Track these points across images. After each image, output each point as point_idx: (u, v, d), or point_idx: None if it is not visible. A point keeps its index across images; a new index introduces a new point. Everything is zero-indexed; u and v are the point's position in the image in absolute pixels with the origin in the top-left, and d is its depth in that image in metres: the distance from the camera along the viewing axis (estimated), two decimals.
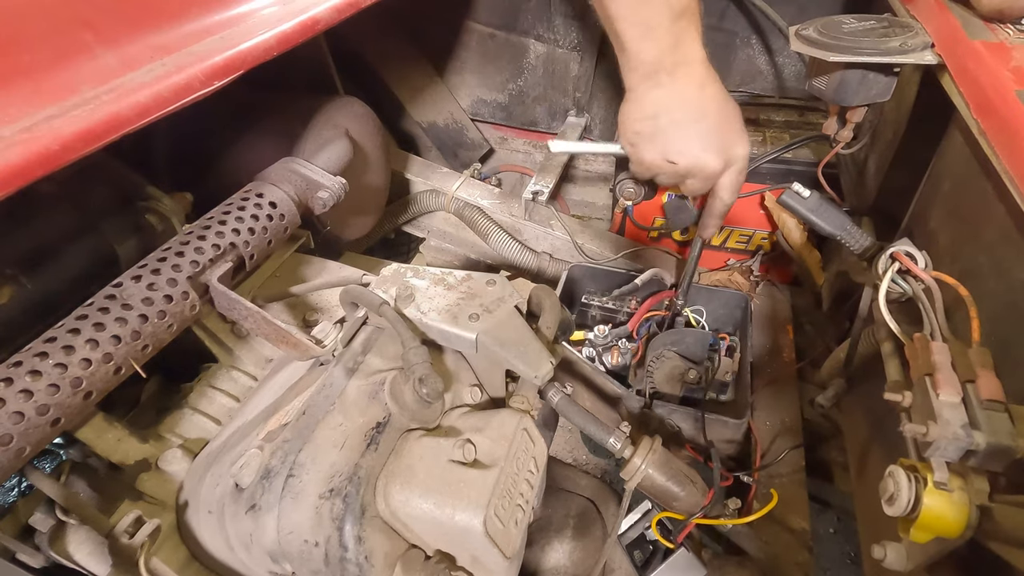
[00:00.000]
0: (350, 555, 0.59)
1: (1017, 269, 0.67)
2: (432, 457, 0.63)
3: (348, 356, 0.73)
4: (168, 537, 0.70)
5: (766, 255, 1.50)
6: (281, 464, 0.62)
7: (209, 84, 0.68)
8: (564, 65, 1.77)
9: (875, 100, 0.95)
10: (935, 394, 0.59)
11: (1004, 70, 0.71)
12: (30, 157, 0.52)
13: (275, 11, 0.82)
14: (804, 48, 0.92)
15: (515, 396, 0.75)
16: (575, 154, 1.21)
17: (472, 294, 0.72)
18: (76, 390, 0.60)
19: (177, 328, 0.72)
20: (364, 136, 1.25)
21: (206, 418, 0.81)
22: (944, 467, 0.57)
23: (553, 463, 1.09)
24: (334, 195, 0.91)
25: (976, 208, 0.77)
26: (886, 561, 0.63)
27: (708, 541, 0.97)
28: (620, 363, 1.20)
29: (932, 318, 0.71)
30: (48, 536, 0.69)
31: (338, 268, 1.01)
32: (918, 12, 0.95)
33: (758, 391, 1.21)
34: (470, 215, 1.60)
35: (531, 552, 0.97)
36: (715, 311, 1.27)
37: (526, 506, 0.64)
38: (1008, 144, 0.65)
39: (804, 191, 0.91)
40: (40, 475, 0.68)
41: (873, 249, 0.87)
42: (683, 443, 1.06)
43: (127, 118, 0.60)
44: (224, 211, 0.81)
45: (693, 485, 0.81)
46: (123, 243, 0.86)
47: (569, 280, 1.31)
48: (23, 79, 0.58)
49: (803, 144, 1.38)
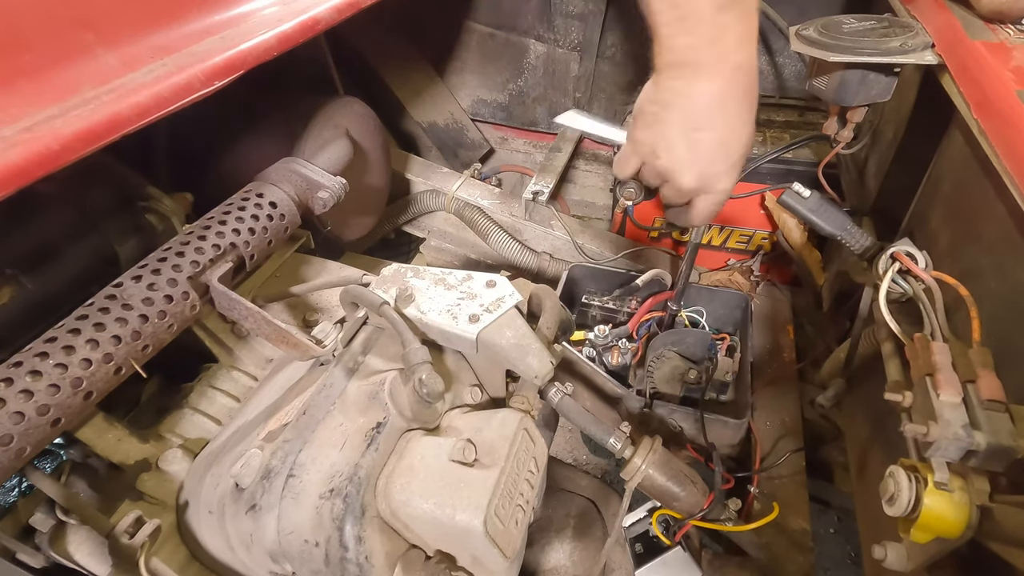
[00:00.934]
0: (350, 555, 0.58)
1: (1017, 269, 0.67)
2: (432, 457, 0.63)
3: (348, 356, 0.73)
4: (168, 537, 0.70)
5: (766, 255, 1.51)
6: (281, 464, 0.62)
7: (209, 84, 0.68)
8: (564, 65, 1.77)
9: (875, 100, 0.95)
10: (936, 394, 0.59)
11: (1004, 70, 0.71)
12: (31, 157, 0.52)
13: (275, 11, 0.82)
14: (804, 48, 0.92)
15: (515, 396, 0.75)
16: (580, 132, 1.15)
17: (472, 294, 0.72)
18: (76, 390, 0.60)
19: (177, 328, 0.72)
20: (364, 136, 1.25)
21: (206, 418, 0.81)
22: (944, 467, 0.57)
23: (553, 463, 1.09)
24: (334, 195, 0.91)
25: (976, 208, 0.77)
26: (887, 561, 0.63)
27: (708, 541, 0.97)
28: (620, 363, 1.20)
29: (932, 318, 0.71)
30: (48, 536, 0.69)
31: (338, 268, 1.01)
32: (918, 12, 0.95)
33: (758, 391, 1.21)
34: (470, 215, 1.60)
35: (531, 552, 0.97)
36: (715, 311, 1.28)
37: (526, 506, 0.64)
38: (1008, 144, 0.65)
39: (804, 191, 0.91)
40: (40, 475, 0.68)
41: (873, 249, 0.87)
42: (683, 443, 1.06)
43: (127, 118, 0.60)
44: (224, 211, 0.81)
45: (693, 485, 0.81)
46: (123, 243, 0.86)
47: (569, 280, 1.31)
48: (24, 79, 0.58)
49: (803, 144, 1.38)
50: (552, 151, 1.72)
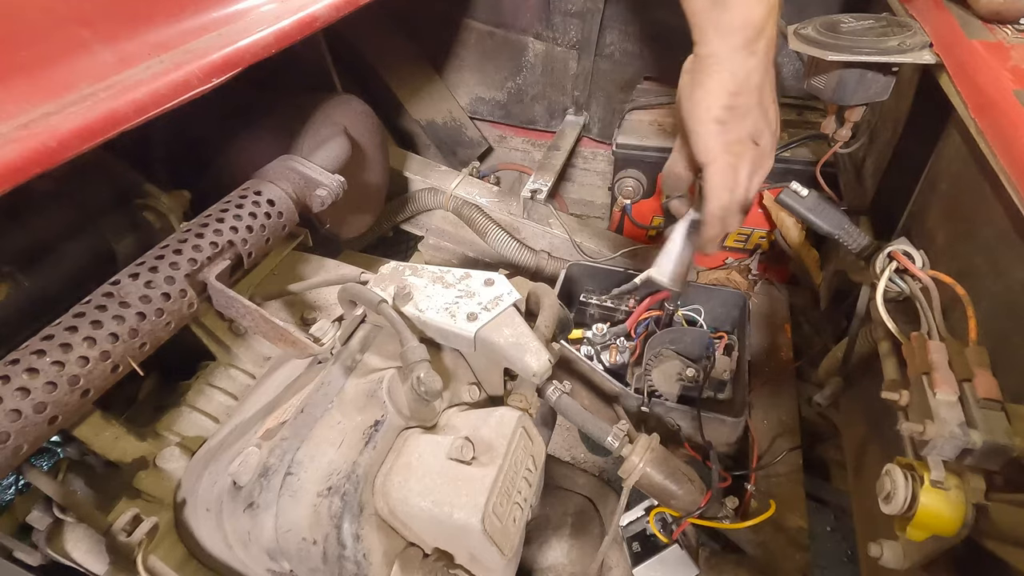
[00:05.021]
0: (348, 553, 0.59)
1: (1014, 268, 0.67)
2: (430, 455, 0.63)
3: (346, 354, 0.73)
4: (166, 535, 0.70)
5: (764, 254, 1.51)
6: (279, 462, 0.62)
7: (207, 81, 0.68)
8: (563, 63, 1.77)
9: (873, 99, 0.95)
10: (932, 393, 0.59)
11: (1002, 70, 0.71)
12: (27, 154, 0.52)
13: (273, 8, 0.82)
14: (803, 47, 0.92)
15: (513, 394, 0.75)
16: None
17: (470, 292, 0.72)
18: (74, 388, 0.60)
19: (175, 326, 0.72)
20: (363, 134, 1.24)
21: (204, 416, 0.81)
22: (941, 466, 0.57)
23: (551, 461, 1.10)
24: (332, 193, 0.91)
25: (974, 207, 0.77)
26: (883, 559, 0.64)
27: (706, 539, 0.97)
28: (618, 362, 1.20)
29: (929, 317, 0.71)
30: (46, 534, 0.69)
31: (336, 266, 1.01)
32: (916, 11, 0.95)
33: (756, 390, 1.21)
34: (469, 213, 1.60)
35: (529, 550, 0.97)
36: (713, 310, 1.28)
37: (524, 504, 0.64)
38: (1006, 143, 0.65)
39: (802, 190, 0.91)
40: (38, 473, 0.68)
41: (871, 248, 0.87)
42: (681, 441, 1.06)
43: (125, 115, 0.60)
44: (222, 209, 0.81)
45: (691, 483, 0.81)
46: (121, 241, 0.85)
47: (567, 279, 1.31)
48: (21, 76, 0.58)
49: (801, 143, 1.38)
50: (550, 149, 1.72)
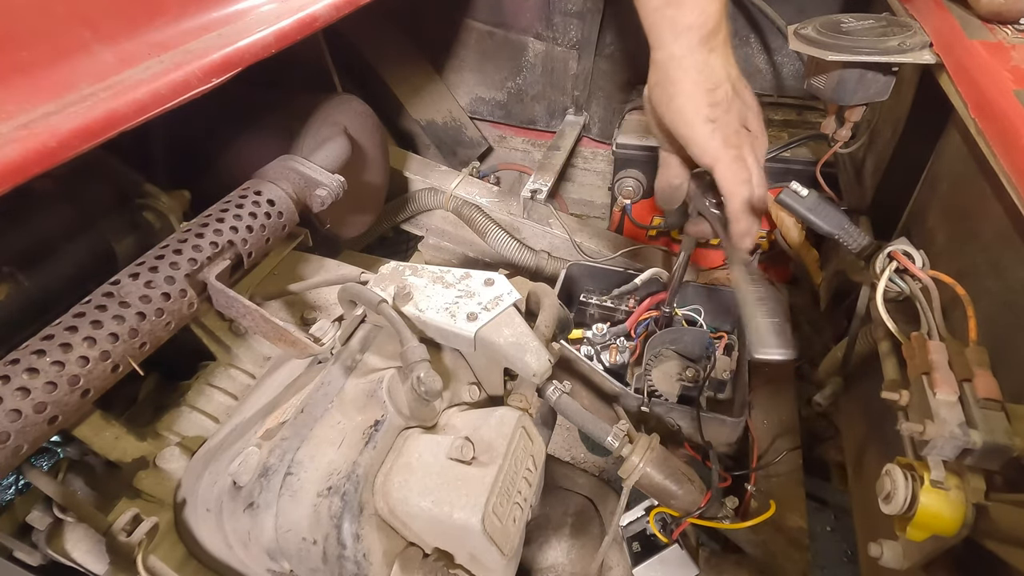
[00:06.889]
0: (348, 553, 0.59)
1: (1014, 268, 0.67)
2: (430, 455, 0.63)
3: (346, 354, 0.73)
4: (166, 535, 0.70)
5: (764, 254, 1.51)
6: (279, 462, 0.62)
7: (207, 81, 0.68)
8: (563, 63, 1.77)
9: (873, 99, 0.95)
10: (932, 393, 0.59)
11: (1002, 70, 0.71)
12: (27, 154, 0.52)
13: (273, 8, 0.82)
14: (803, 47, 0.92)
15: (513, 394, 0.75)
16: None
17: (470, 292, 0.72)
18: (74, 388, 0.60)
19: (175, 326, 0.72)
20: (363, 134, 1.24)
21: (204, 416, 0.81)
22: (941, 466, 0.57)
23: (551, 461, 1.10)
24: (332, 193, 0.91)
25: (974, 207, 0.77)
26: (883, 559, 0.64)
27: (706, 539, 0.98)
28: (618, 361, 1.20)
29: (929, 317, 0.71)
30: (46, 534, 0.69)
31: (336, 266, 1.01)
32: (917, 11, 0.95)
33: (756, 390, 1.21)
34: (469, 213, 1.60)
35: (529, 550, 0.97)
36: (713, 310, 1.28)
37: (524, 504, 0.64)
38: (1006, 144, 0.65)
39: (802, 190, 0.91)
40: (38, 473, 0.68)
41: (871, 248, 0.87)
42: (681, 441, 1.06)
43: (125, 115, 0.60)
44: (222, 209, 0.81)
45: (691, 483, 0.81)
46: (121, 241, 0.85)
47: (567, 279, 1.31)
48: (21, 76, 0.58)
49: (801, 143, 1.38)
50: (550, 149, 1.72)
